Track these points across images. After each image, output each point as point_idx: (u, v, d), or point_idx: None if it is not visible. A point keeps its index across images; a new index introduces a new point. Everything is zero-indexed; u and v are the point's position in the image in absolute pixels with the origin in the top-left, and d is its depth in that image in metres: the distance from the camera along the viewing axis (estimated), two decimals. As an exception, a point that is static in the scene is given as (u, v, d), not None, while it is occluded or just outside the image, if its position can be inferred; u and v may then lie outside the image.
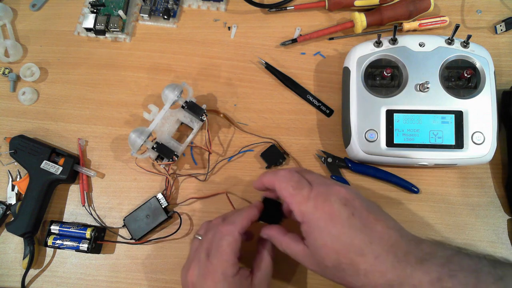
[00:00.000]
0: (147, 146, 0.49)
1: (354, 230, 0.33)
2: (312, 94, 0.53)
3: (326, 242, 0.34)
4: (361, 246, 0.33)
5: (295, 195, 0.36)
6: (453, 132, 0.45)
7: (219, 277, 0.37)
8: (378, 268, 0.32)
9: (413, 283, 0.31)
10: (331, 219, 0.34)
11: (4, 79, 0.58)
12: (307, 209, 0.35)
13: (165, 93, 0.50)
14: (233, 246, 0.38)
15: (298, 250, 0.36)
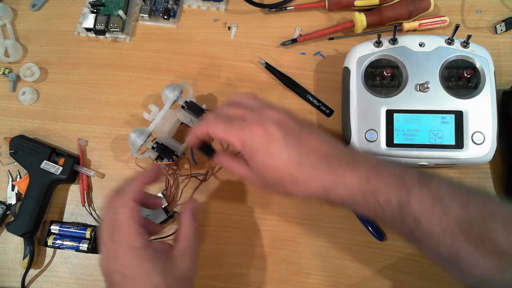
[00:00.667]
0: (147, 146, 0.49)
1: (290, 146, 0.36)
2: (312, 94, 0.53)
3: (266, 162, 0.36)
4: (298, 159, 0.36)
5: (229, 130, 0.38)
6: (453, 132, 0.45)
7: (127, 251, 0.35)
8: (314, 176, 0.35)
9: (346, 185, 0.35)
10: (268, 140, 0.36)
11: (4, 79, 0.58)
12: (244, 137, 0.37)
13: (165, 93, 0.50)
14: (131, 216, 0.36)
15: (244, 172, 0.39)
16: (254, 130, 0.36)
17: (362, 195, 0.35)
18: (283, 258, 0.48)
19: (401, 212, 0.34)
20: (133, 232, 0.36)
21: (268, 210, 0.50)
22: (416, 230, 0.34)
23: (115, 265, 0.35)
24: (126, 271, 0.35)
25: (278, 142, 0.36)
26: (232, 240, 0.49)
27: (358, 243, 0.48)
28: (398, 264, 0.47)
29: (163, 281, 0.35)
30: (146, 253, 0.35)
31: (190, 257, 0.38)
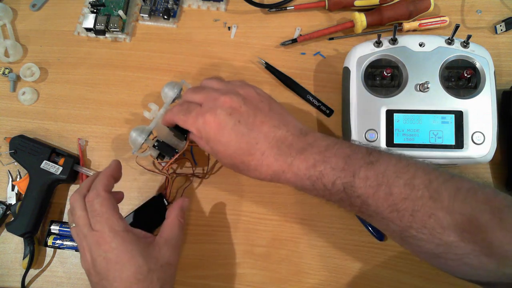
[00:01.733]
0: (148, 145, 0.49)
1: (241, 135, 0.38)
2: (312, 94, 0.53)
3: (219, 150, 0.39)
4: (248, 148, 0.38)
5: (187, 119, 0.40)
6: (453, 132, 0.45)
7: (111, 235, 0.37)
8: (264, 163, 0.38)
9: (294, 171, 0.37)
10: (219, 129, 0.38)
11: (4, 79, 0.58)
12: (198, 126, 0.39)
13: (165, 91, 0.49)
14: (107, 203, 0.38)
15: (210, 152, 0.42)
16: (206, 119, 0.39)
17: (310, 180, 0.36)
18: (283, 258, 0.48)
19: (346, 194, 0.35)
20: (113, 217, 0.38)
21: (268, 210, 0.50)
22: (364, 210, 0.36)
23: (98, 251, 0.36)
24: (110, 255, 0.36)
25: (228, 131, 0.38)
26: (232, 240, 0.49)
27: (358, 243, 0.48)
28: (398, 264, 0.47)
29: (145, 263, 0.36)
30: (129, 236, 0.37)
31: (173, 247, 0.40)
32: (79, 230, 0.38)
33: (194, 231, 0.50)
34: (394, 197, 0.34)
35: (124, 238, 0.37)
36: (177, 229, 0.42)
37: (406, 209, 0.34)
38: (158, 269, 0.37)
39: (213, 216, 0.50)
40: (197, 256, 0.49)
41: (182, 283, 0.48)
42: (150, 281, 0.36)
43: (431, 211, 0.33)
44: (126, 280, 0.36)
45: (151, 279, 0.36)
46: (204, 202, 0.51)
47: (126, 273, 0.36)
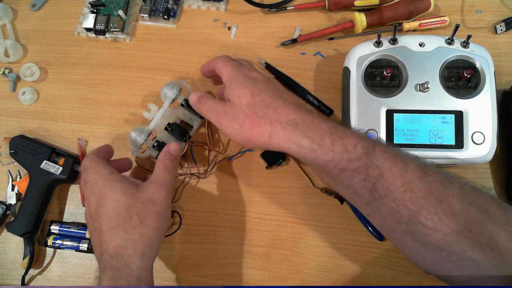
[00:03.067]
0: (148, 145, 0.49)
1: (267, 85, 0.40)
2: (312, 94, 0.53)
3: (243, 83, 0.39)
4: (272, 94, 0.39)
5: (227, 63, 0.43)
6: (453, 132, 0.45)
7: (97, 178, 0.40)
8: (285, 108, 0.38)
9: (314, 123, 0.37)
10: (250, 77, 0.40)
11: (4, 79, 0.58)
12: (233, 69, 0.42)
13: (164, 91, 0.50)
14: (94, 158, 0.43)
15: (219, 104, 0.41)
16: (243, 68, 0.42)
17: (330, 138, 0.36)
18: (283, 258, 0.48)
19: (367, 160, 0.34)
20: (99, 165, 0.42)
21: (268, 210, 0.50)
22: (378, 185, 0.34)
23: (91, 196, 0.40)
24: (97, 194, 0.40)
25: (258, 81, 0.40)
26: (232, 240, 0.49)
27: (358, 243, 0.48)
28: (398, 264, 0.47)
29: (124, 198, 0.39)
30: (113, 177, 0.41)
31: (158, 186, 0.41)
32: (82, 188, 0.43)
33: (194, 231, 0.50)
34: (410, 175, 0.33)
35: (108, 177, 0.40)
36: (162, 171, 0.42)
37: (420, 190, 0.33)
38: (138, 205, 0.39)
39: (213, 216, 0.50)
40: (197, 256, 0.49)
41: (182, 283, 0.49)
42: (129, 216, 0.38)
43: (442, 196, 0.33)
44: (108, 214, 0.38)
45: (130, 213, 0.38)
46: (204, 202, 0.51)
47: (108, 207, 0.39)
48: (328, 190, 0.49)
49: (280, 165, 0.51)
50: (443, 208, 0.32)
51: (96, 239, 0.39)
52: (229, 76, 0.41)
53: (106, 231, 0.38)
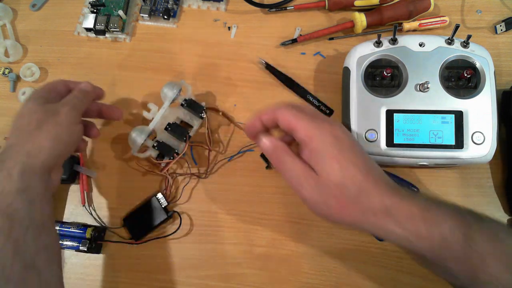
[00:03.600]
0: (148, 145, 0.49)
1: (357, 153, 0.35)
2: (312, 94, 0.53)
3: (332, 154, 0.34)
4: (363, 168, 0.34)
5: (300, 116, 0.36)
6: (453, 132, 0.45)
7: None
8: (378, 191, 0.33)
9: (407, 209, 0.32)
10: (336, 138, 0.35)
11: (4, 79, 0.58)
12: (313, 128, 0.35)
13: (164, 91, 0.50)
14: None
15: (298, 168, 0.36)
16: (324, 125, 0.35)
17: (424, 222, 0.32)
18: (283, 258, 0.48)
19: (466, 246, 0.31)
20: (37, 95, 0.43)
21: (268, 210, 0.50)
22: (480, 272, 0.31)
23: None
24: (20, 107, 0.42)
25: (346, 143, 0.35)
26: (232, 240, 0.49)
27: (358, 243, 0.48)
28: (398, 264, 0.47)
29: (33, 106, 0.41)
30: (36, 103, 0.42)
31: (65, 103, 0.42)
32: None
33: (194, 231, 0.50)
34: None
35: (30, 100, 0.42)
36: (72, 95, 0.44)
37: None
38: (41, 113, 0.40)
39: (213, 216, 0.50)
40: (197, 256, 0.49)
41: (182, 283, 0.49)
42: (30, 120, 0.40)
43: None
44: (17, 116, 0.42)
45: (31, 118, 0.40)
46: (204, 202, 0.51)
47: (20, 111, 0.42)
48: (328, 190, 0.49)
49: (280, 165, 0.51)
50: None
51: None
52: (311, 138, 0.35)
53: (11, 131, 0.41)
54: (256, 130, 0.39)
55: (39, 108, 0.41)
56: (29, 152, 0.38)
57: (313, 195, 0.35)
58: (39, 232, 0.36)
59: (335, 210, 0.34)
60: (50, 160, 0.39)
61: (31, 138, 0.39)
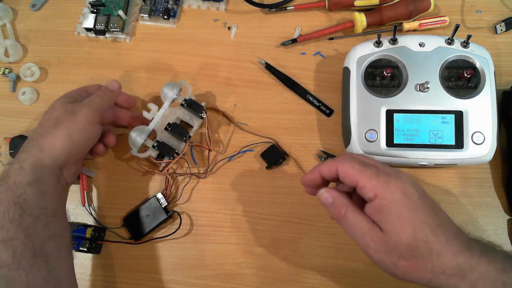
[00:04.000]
0: (148, 145, 0.49)
1: (427, 209, 0.33)
2: (312, 94, 0.53)
3: (403, 215, 0.32)
4: (434, 226, 0.32)
5: (364, 171, 0.34)
6: (453, 132, 0.45)
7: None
8: (449, 250, 0.31)
9: (481, 270, 0.31)
10: (405, 194, 0.33)
11: (4, 79, 0.58)
12: (379, 183, 0.33)
13: (164, 91, 0.50)
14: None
15: (366, 227, 0.34)
16: (391, 180, 0.33)
17: (503, 286, 0.31)
18: (283, 258, 0.48)
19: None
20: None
21: (268, 210, 0.50)
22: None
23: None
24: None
25: (416, 200, 0.33)
26: (232, 240, 0.49)
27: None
28: (398, 264, 0.47)
29: (55, 104, 0.44)
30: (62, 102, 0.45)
31: (84, 104, 0.44)
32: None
33: (194, 231, 0.50)
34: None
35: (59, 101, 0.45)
36: (94, 96, 0.46)
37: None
38: (61, 112, 0.43)
39: (213, 216, 0.50)
40: (197, 256, 0.49)
41: (182, 283, 0.49)
42: (50, 117, 0.43)
43: None
44: (45, 113, 0.45)
45: (51, 115, 0.43)
46: (204, 202, 0.51)
47: (48, 109, 0.45)
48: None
49: (280, 165, 0.51)
50: None
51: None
52: (376, 195, 0.33)
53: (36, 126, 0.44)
54: (315, 183, 0.38)
55: (61, 107, 0.43)
56: (42, 148, 0.40)
57: (380, 254, 0.33)
58: (49, 221, 0.39)
59: (403, 269, 0.33)
60: (61, 157, 0.41)
61: (47, 135, 0.41)
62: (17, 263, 0.35)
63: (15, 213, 0.37)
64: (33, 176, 0.39)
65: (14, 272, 0.35)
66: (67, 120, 0.42)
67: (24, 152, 0.40)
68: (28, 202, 0.38)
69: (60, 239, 0.39)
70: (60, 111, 0.43)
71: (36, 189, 0.38)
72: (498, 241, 0.47)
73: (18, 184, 0.38)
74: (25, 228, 0.37)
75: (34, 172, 0.39)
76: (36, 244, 0.37)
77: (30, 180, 0.38)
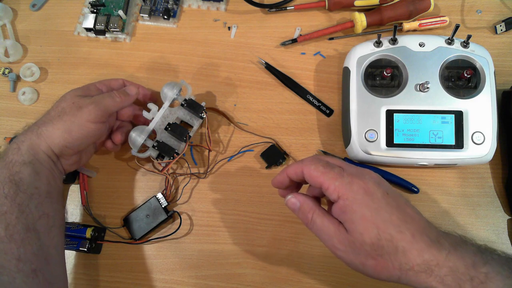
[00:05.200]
0: (148, 145, 0.49)
1: (391, 207, 0.33)
2: (312, 94, 0.53)
3: (365, 215, 0.32)
4: (399, 223, 0.32)
5: (327, 172, 0.34)
6: (453, 132, 0.45)
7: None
8: (415, 246, 0.32)
9: (449, 265, 0.31)
10: (368, 194, 0.33)
11: (4, 79, 0.58)
12: (342, 184, 0.33)
13: (164, 91, 0.50)
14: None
15: (332, 229, 0.34)
16: (354, 181, 0.34)
17: (470, 281, 0.30)
18: (283, 258, 0.48)
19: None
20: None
21: (268, 210, 0.50)
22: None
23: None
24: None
25: (378, 199, 0.33)
26: (232, 240, 0.49)
27: (358, 243, 0.48)
28: (398, 264, 0.47)
29: (66, 95, 0.45)
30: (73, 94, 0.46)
31: (92, 101, 0.44)
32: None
33: (194, 231, 0.50)
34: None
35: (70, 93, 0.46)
36: (105, 94, 0.47)
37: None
38: (68, 103, 0.44)
39: (213, 216, 0.50)
40: (197, 256, 0.49)
41: (182, 283, 0.49)
42: (57, 106, 0.44)
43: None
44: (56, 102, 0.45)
45: (59, 106, 0.44)
46: (204, 202, 0.51)
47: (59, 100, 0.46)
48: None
49: (280, 165, 0.51)
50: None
51: None
52: (340, 196, 0.33)
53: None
54: (284, 185, 0.39)
55: (69, 99, 0.44)
56: (40, 134, 0.42)
57: (349, 255, 0.34)
58: (42, 201, 0.40)
59: (372, 268, 0.33)
60: (56, 148, 0.42)
61: (48, 123, 0.42)
62: (9, 236, 0.37)
63: (10, 190, 0.38)
64: (28, 157, 0.40)
65: (6, 244, 0.36)
66: (70, 113, 0.43)
67: (23, 135, 0.42)
68: (23, 180, 0.39)
69: (52, 219, 0.41)
70: (67, 103, 0.44)
71: (30, 169, 0.40)
72: (498, 241, 0.47)
73: (14, 162, 0.40)
74: (18, 204, 0.38)
75: (30, 154, 0.41)
76: (28, 220, 0.38)
77: (26, 160, 0.40)
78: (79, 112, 0.43)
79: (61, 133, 0.42)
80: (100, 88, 0.49)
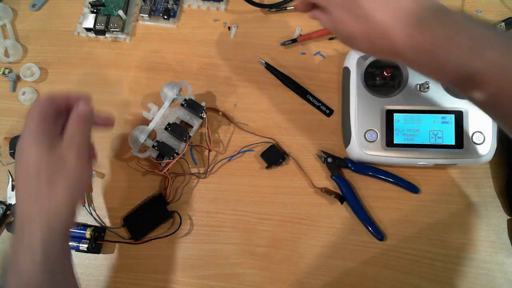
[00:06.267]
0: (148, 145, 0.49)
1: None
2: (312, 94, 0.53)
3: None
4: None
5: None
6: (453, 132, 0.45)
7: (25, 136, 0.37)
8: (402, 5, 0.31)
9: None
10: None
11: (4, 79, 0.58)
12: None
13: (164, 91, 0.50)
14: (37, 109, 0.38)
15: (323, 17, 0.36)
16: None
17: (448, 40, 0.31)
18: (283, 258, 0.48)
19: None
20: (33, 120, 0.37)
21: (268, 210, 0.50)
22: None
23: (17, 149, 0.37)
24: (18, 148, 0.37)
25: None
26: (232, 240, 0.49)
27: (358, 243, 0.48)
28: (398, 264, 0.47)
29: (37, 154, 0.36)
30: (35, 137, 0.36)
31: (69, 143, 0.37)
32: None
33: (194, 231, 0.50)
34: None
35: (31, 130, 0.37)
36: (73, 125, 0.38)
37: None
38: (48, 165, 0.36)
39: (213, 216, 0.50)
40: (197, 256, 0.49)
41: (182, 283, 0.49)
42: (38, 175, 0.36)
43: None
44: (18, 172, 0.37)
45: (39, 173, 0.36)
46: (204, 202, 0.51)
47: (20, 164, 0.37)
48: (328, 190, 0.49)
49: (280, 165, 0.51)
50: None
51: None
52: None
53: (17, 183, 0.37)
54: (308, 5, 0.38)
55: (44, 160, 0.36)
56: (49, 220, 0.36)
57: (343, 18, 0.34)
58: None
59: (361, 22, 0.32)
60: (69, 215, 0.37)
61: (46, 202, 0.36)
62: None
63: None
64: (43, 255, 0.35)
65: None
66: (60, 175, 0.36)
67: (28, 230, 0.36)
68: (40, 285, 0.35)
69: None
70: (47, 168, 0.36)
71: (46, 271, 0.35)
72: (498, 241, 0.47)
73: (28, 263, 0.35)
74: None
75: (44, 250, 0.35)
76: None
77: (41, 261, 0.35)
78: (66, 167, 0.36)
79: (66, 199, 0.37)
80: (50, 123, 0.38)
